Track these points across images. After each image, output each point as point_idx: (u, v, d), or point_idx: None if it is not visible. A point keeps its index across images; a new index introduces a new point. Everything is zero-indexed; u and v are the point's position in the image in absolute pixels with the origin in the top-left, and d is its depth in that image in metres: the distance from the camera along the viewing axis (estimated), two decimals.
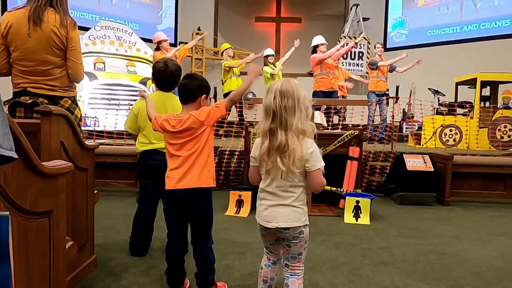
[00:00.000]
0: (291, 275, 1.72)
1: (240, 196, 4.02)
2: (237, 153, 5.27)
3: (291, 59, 7.71)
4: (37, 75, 2.53)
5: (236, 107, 7.06)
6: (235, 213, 3.93)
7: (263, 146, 1.63)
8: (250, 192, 3.97)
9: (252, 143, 4.41)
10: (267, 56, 7.56)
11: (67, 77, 2.63)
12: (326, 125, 5.52)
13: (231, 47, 7.71)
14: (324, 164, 1.64)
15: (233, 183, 5.14)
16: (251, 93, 11.13)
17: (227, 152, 5.24)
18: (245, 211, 3.93)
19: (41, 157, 1.84)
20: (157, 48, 6.58)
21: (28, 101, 2.50)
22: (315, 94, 6.76)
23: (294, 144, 1.57)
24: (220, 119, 2.05)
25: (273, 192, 1.66)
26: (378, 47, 7.74)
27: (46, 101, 2.51)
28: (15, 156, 1.01)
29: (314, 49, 6.78)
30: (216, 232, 2.19)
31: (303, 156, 1.59)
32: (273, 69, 7.40)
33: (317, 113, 4.54)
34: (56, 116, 1.95)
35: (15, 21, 2.47)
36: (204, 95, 2.08)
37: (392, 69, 7.64)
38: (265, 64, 7.56)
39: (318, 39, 6.79)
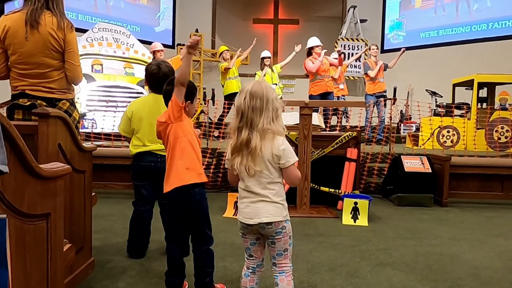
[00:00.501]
0: (279, 273, 1.74)
1: (238, 197, 4.02)
2: None
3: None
4: (35, 77, 2.53)
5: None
6: (233, 215, 3.92)
7: (232, 144, 1.70)
8: None
9: None
10: (263, 58, 7.58)
11: (65, 79, 2.63)
12: (324, 126, 5.53)
13: (227, 50, 7.72)
14: (297, 158, 1.72)
15: (231, 184, 5.13)
16: None
17: (225, 154, 5.23)
18: None
19: (38, 159, 1.84)
20: (154, 58, 6.75)
21: (27, 104, 2.50)
22: (312, 98, 6.79)
23: (257, 142, 1.63)
24: (180, 109, 1.96)
25: (252, 190, 1.70)
26: (373, 49, 7.76)
27: (44, 104, 2.52)
28: (6, 170, 1.01)
29: (309, 51, 6.80)
30: (214, 234, 2.18)
31: (274, 153, 1.66)
32: (259, 75, 7.49)
33: (315, 114, 4.55)
34: (54, 118, 1.95)
35: (12, 24, 2.46)
36: (188, 101, 2.04)
37: (385, 67, 7.68)
38: (261, 66, 7.60)
39: (313, 41, 6.78)
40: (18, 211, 1.31)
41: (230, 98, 7.28)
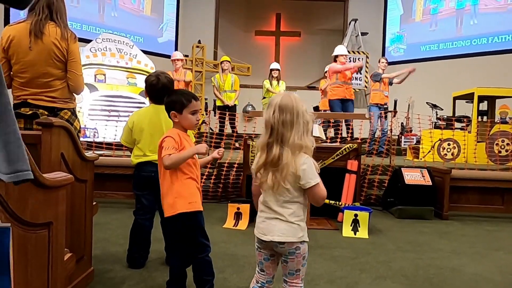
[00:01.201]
0: None
1: (238, 208, 4.02)
2: (235, 165, 5.27)
3: (290, 72, 7.83)
4: (38, 87, 2.56)
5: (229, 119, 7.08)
6: (233, 226, 3.92)
7: (259, 159, 1.62)
8: (248, 205, 3.97)
9: (252, 156, 4.43)
10: (271, 70, 7.79)
11: (67, 89, 2.66)
12: (324, 138, 5.54)
13: (228, 61, 7.79)
14: (319, 179, 1.60)
15: (231, 195, 5.13)
16: (250, 106, 11.19)
17: (225, 165, 5.25)
18: (243, 224, 3.93)
19: (41, 168, 1.85)
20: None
21: (28, 113, 2.53)
22: (331, 102, 6.93)
23: (288, 159, 1.55)
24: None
25: (269, 206, 1.64)
26: (383, 62, 7.70)
27: (46, 113, 2.54)
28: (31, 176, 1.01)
29: (334, 59, 6.98)
30: (214, 245, 2.19)
31: (296, 172, 1.56)
32: (270, 86, 7.70)
33: (315, 126, 4.57)
34: (57, 128, 1.97)
35: (16, 34, 2.51)
36: (173, 112, 2.11)
37: (390, 82, 7.69)
38: (269, 77, 7.79)
39: (339, 50, 6.99)
40: (21, 219, 1.32)
41: (220, 109, 7.42)
